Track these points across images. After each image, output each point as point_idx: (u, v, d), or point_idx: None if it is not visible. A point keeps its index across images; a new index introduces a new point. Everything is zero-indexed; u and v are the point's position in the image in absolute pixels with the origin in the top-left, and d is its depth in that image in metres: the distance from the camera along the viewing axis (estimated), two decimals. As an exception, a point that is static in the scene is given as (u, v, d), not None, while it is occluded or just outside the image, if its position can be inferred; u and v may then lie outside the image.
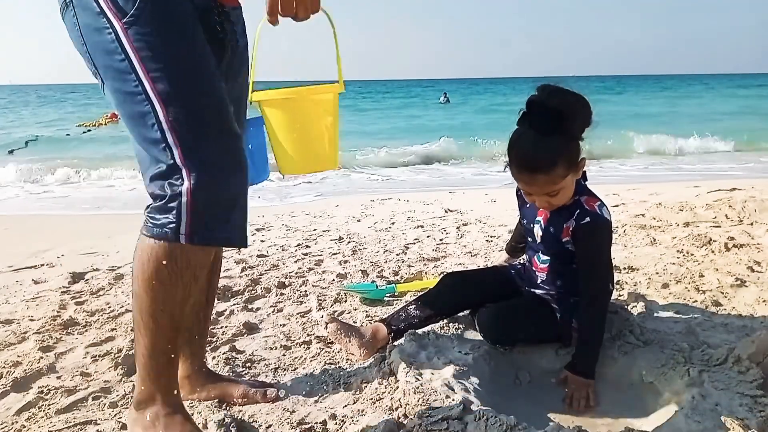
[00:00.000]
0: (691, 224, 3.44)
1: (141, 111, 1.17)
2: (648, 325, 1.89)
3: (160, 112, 1.15)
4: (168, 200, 1.18)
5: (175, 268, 1.23)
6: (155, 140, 1.17)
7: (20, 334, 2.13)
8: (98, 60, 1.20)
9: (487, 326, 1.78)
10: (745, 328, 1.92)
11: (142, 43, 1.14)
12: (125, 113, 1.21)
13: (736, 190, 4.61)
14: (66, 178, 7.87)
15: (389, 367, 1.71)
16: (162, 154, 1.17)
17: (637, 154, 9.99)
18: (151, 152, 1.20)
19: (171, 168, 1.17)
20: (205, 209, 1.18)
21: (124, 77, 1.16)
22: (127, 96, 1.18)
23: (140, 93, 1.15)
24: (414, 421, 1.41)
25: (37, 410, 1.62)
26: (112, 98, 1.22)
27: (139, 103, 1.16)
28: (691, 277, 2.47)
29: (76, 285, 2.74)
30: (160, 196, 1.20)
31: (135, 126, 1.20)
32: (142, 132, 1.19)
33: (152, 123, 1.16)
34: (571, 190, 1.69)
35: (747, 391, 1.45)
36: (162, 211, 1.20)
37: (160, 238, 1.21)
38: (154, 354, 1.32)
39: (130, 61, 1.14)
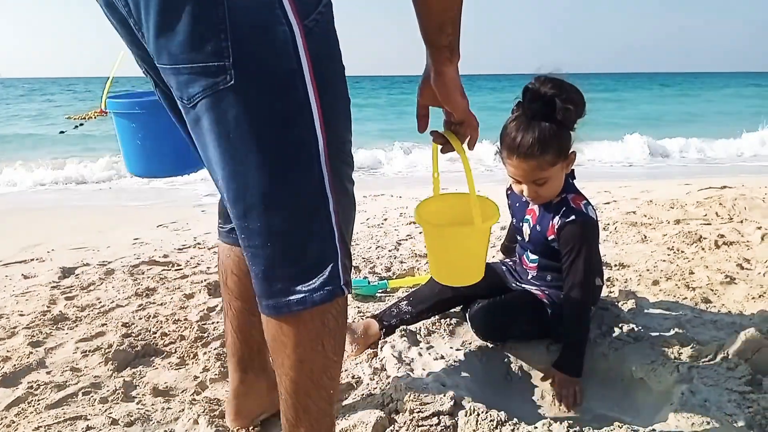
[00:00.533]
0: (682, 222, 3.46)
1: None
2: (638, 321, 1.91)
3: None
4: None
5: (341, 308, 1.07)
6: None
7: (10, 329, 2.12)
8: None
9: (478, 322, 1.79)
10: (734, 325, 1.93)
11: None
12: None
13: (727, 188, 4.64)
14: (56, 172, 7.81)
15: (381, 363, 1.71)
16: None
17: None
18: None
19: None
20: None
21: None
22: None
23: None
24: (405, 416, 1.42)
25: (26, 405, 1.61)
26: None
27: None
28: (681, 274, 2.49)
29: (66, 280, 2.72)
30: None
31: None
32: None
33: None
34: (559, 183, 1.71)
35: (736, 387, 1.46)
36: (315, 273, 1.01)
37: (328, 300, 1.01)
38: (331, 412, 1.14)
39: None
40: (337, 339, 1.07)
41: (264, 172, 0.92)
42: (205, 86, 0.88)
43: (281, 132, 0.92)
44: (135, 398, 1.66)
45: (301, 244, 0.98)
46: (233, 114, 0.89)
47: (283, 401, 1.09)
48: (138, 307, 2.32)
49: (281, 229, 0.96)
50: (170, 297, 2.44)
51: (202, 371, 1.80)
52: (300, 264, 0.99)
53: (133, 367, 1.84)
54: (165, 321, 2.16)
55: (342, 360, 1.12)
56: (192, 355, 1.91)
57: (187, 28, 0.86)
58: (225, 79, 0.87)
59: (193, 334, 2.03)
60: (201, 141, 0.96)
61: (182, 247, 3.32)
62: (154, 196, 5.28)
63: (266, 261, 0.98)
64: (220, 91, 0.88)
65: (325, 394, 1.09)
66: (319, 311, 1.01)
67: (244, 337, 1.37)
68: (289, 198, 0.95)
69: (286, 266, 0.99)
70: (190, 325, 2.12)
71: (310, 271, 0.99)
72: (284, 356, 1.05)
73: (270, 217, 0.95)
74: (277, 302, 1.00)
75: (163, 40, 0.88)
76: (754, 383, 1.49)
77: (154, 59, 0.94)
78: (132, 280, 2.67)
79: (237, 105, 0.88)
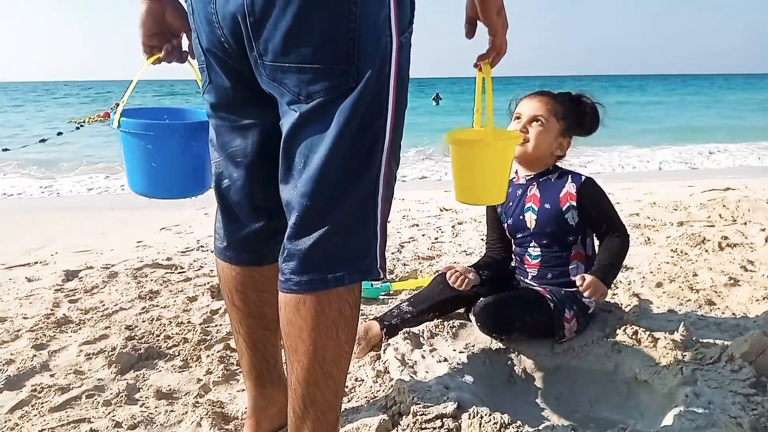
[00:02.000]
0: (685, 223, 3.45)
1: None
2: (642, 323, 1.90)
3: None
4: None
5: (357, 298, 1.12)
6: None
7: (13, 332, 2.12)
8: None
9: (483, 316, 1.78)
10: (738, 327, 1.93)
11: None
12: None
13: (730, 189, 4.63)
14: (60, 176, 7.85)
15: (384, 365, 1.71)
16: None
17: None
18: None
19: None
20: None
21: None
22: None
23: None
24: (409, 419, 1.41)
25: (30, 408, 1.61)
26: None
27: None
28: (685, 276, 2.48)
29: (70, 283, 2.72)
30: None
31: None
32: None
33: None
34: (547, 143, 1.85)
35: (740, 390, 1.45)
36: (361, 254, 1.09)
37: (355, 281, 1.09)
38: (338, 405, 1.16)
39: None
40: (351, 329, 1.11)
41: (342, 161, 1.03)
42: (329, 86, 1.00)
43: (366, 128, 1.03)
44: (138, 401, 1.66)
45: (352, 228, 1.06)
46: (341, 109, 1.01)
47: (292, 391, 1.11)
48: (141, 310, 2.33)
49: (340, 211, 1.04)
50: (173, 300, 2.44)
51: (205, 374, 1.80)
52: (347, 244, 1.06)
53: (137, 369, 1.84)
54: (168, 324, 2.17)
55: (352, 353, 1.14)
56: (195, 357, 1.91)
57: (323, 33, 0.98)
58: (348, 81, 1.00)
59: (197, 336, 2.04)
60: (300, 131, 1.04)
61: (185, 250, 3.32)
62: (157, 199, 5.26)
63: (317, 237, 1.04)
64: (341, 90, 1.01)
65: (333, 385, 1.11)
66: (337, 297, 1.07)
67: (260, 352, 1.37)
68: (355, 187, 1.05)
69: (334, 244, 1.05)
70: (193, 327, 2.12)
71: (354, 251, 1.07)
72: (299, 341, 1.08)
73: (334, 199, 1.04)
74: (313, 278, 1.05)
75: (294, 41, 0.99)
76: (758, 385, 1.49)
77: (264, 56, 1.03)
78: (135, 283, 2.68)
79: (349, 103, 1.01)
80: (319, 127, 1.03)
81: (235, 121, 1.18)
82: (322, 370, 1.09)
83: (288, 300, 1.08)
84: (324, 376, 1.09)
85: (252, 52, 1.04)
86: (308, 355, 1.07)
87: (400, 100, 1.07)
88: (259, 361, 1.38)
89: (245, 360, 1.39)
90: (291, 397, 1.12)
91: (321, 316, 1.06)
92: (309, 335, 1.06)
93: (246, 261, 1.30)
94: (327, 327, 1.07)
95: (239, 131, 1.19)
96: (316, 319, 1.06)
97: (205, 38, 1.11)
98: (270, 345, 1.37)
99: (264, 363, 1.37)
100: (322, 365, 1.08)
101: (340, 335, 1.08)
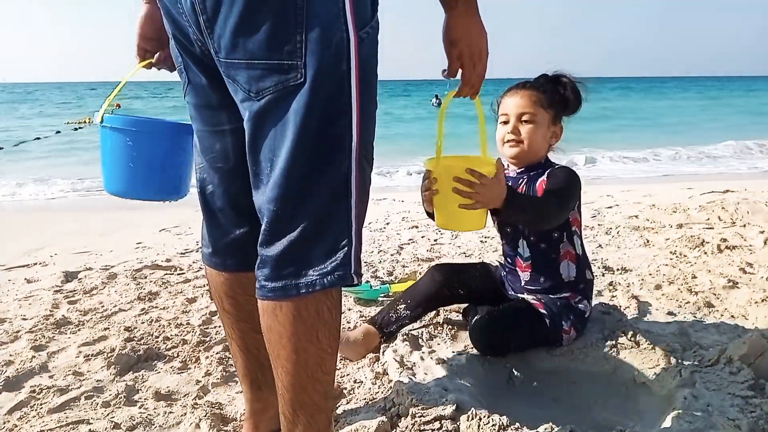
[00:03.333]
0: (684, 226, 3.46)
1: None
2: (641, 326, 1.90)
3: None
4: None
5: (336, 301, 1.10)
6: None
7: (12, 333, 2.12)
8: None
9: (478, 338, 1.76)
10: (737, 329, 1.93)
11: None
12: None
13: (729, 192, 4.64)
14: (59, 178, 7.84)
15: (382, 367, 1.71)
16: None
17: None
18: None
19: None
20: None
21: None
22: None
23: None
24: (407, 421, 1.41)
25: (29, 409, 1.61)
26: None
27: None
28: (684, 279, 2.48)
29: (69, 284, 2.73)
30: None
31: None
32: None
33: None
34: (541, 138, 1.80)
35: (738, 392, 1.45)
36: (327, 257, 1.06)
37: (327, 287, 1.05)
38: (327, 407, 1.16)
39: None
40: (332, 332, 1.10)
41: (305, 162, 1.01)
42: (277, 82, 0.99)
43: (327, 127, 1.01)
44: (137, 402, 1.66)
45: (321, 232, 1.04)
46: (298, 108, 0.99)
47: (281, 397, 1.11)
48: (140, 311, 2.33)
49: (308, 215, 1.03)
50: (173, 301, 2.44)
51: (204, 375, 1.80)
52: (317, 248, 1.04)
53: (136, 371, 1.84)
54: (167, 325, 2.17)
55: (336, 355, 1.14)
56: (194, 359, 1.91)
57: (269, 28, 0.97)
58: (296, 77, 0.98)
59: (196, 338, 2.04)
60: (259, 131, 1.03)
61: (185, 251, 3.32)
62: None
63: (287, 243, 1.03)
64: (290, 87, 0.99)
65: (321, 389, 1.11)
66: (314, 301, 1.05)
67: (254, 356, 1.36)
68: (321, 188, 1.03)
69: (304, 249, 1.04)
70: (192, 329, 2.12)
71: (325, 255, 1.05)
72: (280, 347, 1.07)
73: (301, 203, 1.02)
74: (286, 284, 1.04)
75: (241, 38, 0.99)
76: (756, 388, 1.49)
77: (218, 53, 1.02)
78: (134, 284, 2.68)
79: (301, 100, 0.99)
80: (277, 128, 1.01)
81: (216, 126, 1.17)
82: (306, 374, 1.08)
83: (265, 306, 1.08)
84: (309, 380, 1.09)
85: (211, 50, 1.04)
86: (291, 360, 1.07)
87: (366, 98, 1.05)
88: (253, 365, 1.37)
89: (240, 364, 1.39)
90: (280, 402, 1.12)
91: (299, 321, 1.05)
92: (289, 340, 1.06)
93: (232, 266, 1.29)
94: (306, 331, 1.06)
95: (219, 136, 1.18)
96: (294, 324, 1.05)
97: (179, 36, 1.11)
98: (263, 348, 1.34)
99: (258, 366, 1.36)
100: (306, 369, 1.08)
101: (320, 338, 1.07)
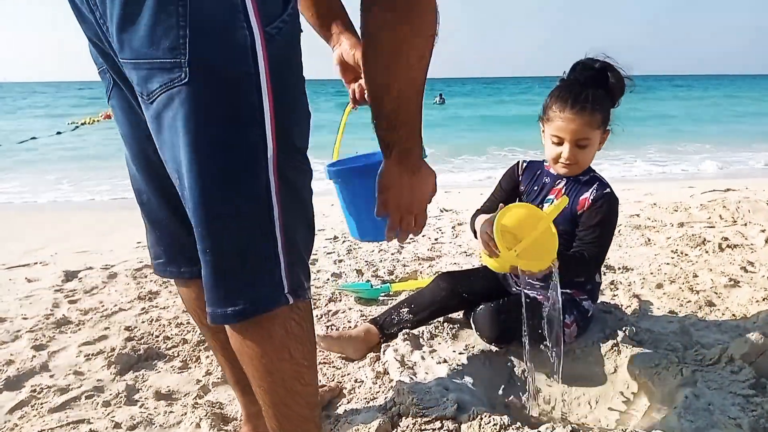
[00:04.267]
0: (686, 224, 3.45)
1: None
2: (642, 324, 1.90)
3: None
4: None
5: (304, 314, 1.05)
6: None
7: (13, 332, 2.12)
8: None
9: (483, 325, 1.78)
10: (738, 328, 1.93)
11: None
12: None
13: (730, 190, 4.63)
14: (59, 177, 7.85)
15: (383, 367, 1.71)
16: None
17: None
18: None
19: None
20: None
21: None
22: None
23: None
24: (408, 420, 1.41)
25: (29, 409, 1.61)
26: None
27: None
28: (685, 278, 2.48)
29: (70, 283, 2.72)
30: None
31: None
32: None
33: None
34: (593, 153, 1.75)
35: (739, 391, 1.45)
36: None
37: (257, 313, 1.00)
38: (313, 416, 1.13)
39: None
40: (304, 345, 1.05)
41: (210, 173, 0.91)
42: (162, 83, 0.88)
43: (231, 135, 0.90)
44: (138, 402, 1.66)
45: (246, 252, 0.96)
46: (185, 112, 0.88)
47: (265, 412, 1.09)
48: (141, 311, 2.33)
49: (223, 234, 0.94)
50: (173, 300, 2.44)
51: (204, 375, 1.80)
52: (238, 272, 0.96)
53: (136, 370, 1.84)
54: (167, 324, 2.17)
55: (315, 364, 1.10)
56: (194, 358, 1.91)
57: (148, 23, 0.86)
58: (180, 77, 0.87)
59: (196, 337, 2.03)
60: (159, 138, 0.94)
61: (185, 251, 3.32)
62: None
63: (211, 267, 0.96)
64: (175, 88, 0.88)
65: (303, 401, 1.08)
66: (280, 319, 1.00)
67: (239, 364, 1.35)
68: (232, 202, 0.93)
69: (225, 275, 0.96)
70: (192, 328, 2.12)
71: (253, 279, 0.97)
72: (252, 368, 1.04)
73: (212, 220, 0.93)
74: (214, 311, 0.98)
75: (125, 35, 0.89)
76: (758, 387, 1.48)
77: (116, 53, 0.93)
78: (135, 284, 2.68)
79: (190, 103, 0.88)
80: (173, 135, 0.91)
81: (145, 130, 1.02)
82: (285, 389, 1.05)
83: (229, 331, 1.03)
84: (289, 394, 1.06)
85: (111, 51, 0.96)
86: (266, 380, 1.04)
87: (287, 101, 0.95)
88: (240, 373, 1.33)
89: (227, 373, 1.37)
90: (265, 416, 1.10)
91: (267, 342, 1.00)
92: (260, 362, 1.02)
93: (188, 275, 1.21)
94: (276, 350, 1.01)
95: (148, 141, 1.04)
96: (262, 346, 1.01)
97: (93, 38, 1.02)
98: None
99: (245, 374, 1.36)
100: (283, 386, 1.05)
101: (293, 354, 1.03)
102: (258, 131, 0.91)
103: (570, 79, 1.73)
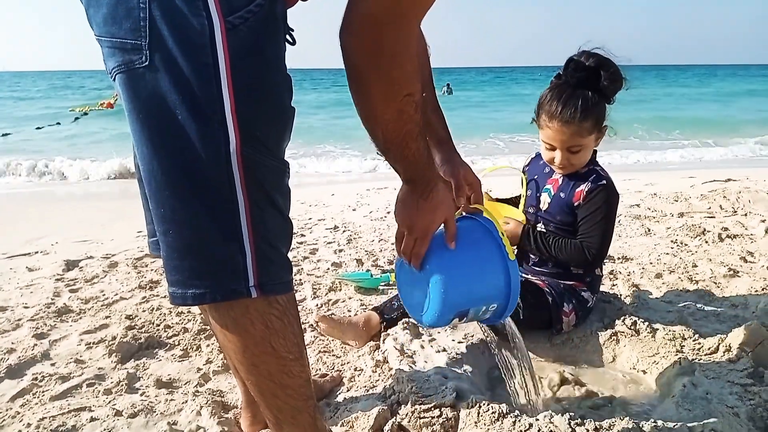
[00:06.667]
0: (686, 215, 3.45)
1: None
2: (641, 314, 1.90)
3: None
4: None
5: (284, 308, 1.05)
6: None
7: (14, 321, 2.13)
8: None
9: None
10: (736, 318, 1.93)
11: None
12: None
13: (731, 181, 4.63)
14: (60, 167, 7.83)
15: (383, 355, 1.72)
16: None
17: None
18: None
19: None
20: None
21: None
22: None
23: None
24: (407, 408, 1.42)
25: (31, 397, 1.62)
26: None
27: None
28: (685, 267, 2.48)
29: (71, 272, 2.73)
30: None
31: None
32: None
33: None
34: (589, 153, 1.75)
35: (737, 380, 1.46)
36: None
37: (218, 300, 1.00)
38: (307, 406, 1.13)
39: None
40: (286, 338, 1.04)
41: (166, 158, 0.90)
42: (122, 62, 0.88)
43: (188, 124, 0.88)
44: (138, 390, 1.67)
45: (201, 239, 0.94)
46: (144, 95, 0.88)
47: (258, 403, 1.10)
48: (141, 300, 2.33)
49: (181, 218, 0.93)
50: (174, 289, 2.44)
51: (205, 363, 1.81)
52: (198, 259, 0.95)
53: (137, 359, 1.85)
54: (168, 313, 2.17)
55: (303, 355, 1.10)
56: (195, 347, 1.91)
57: (111, 1, 0.86)
58: (140, 59, 0.87)
59: (196, 326, 2.04)
60: (130, 127, 0.94)
61: (185, 240, 3.32)
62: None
63: (167, 249, 0.96)
64: (134, 69, 0.87)
65: (293, 392, 1.08)
66: (259, 314, 1.00)
67: None
68: (191, 191, 0.92)
69: (184, 258, 0.95)
70: (193, 317, 2.12)
71: (218, 268, 0.96)
72: (237, 362, 1.04)
73: (171, 204, 0.93)
74: (174, 291, 0.97)
75: (92, 11, 0.90)
76: (755, 376, 1.49)
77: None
78: (135, 273, 2.68)
79: (148, 87, 0.87)
80: (132, 114, 0.90)
81: None
82: (272, 382, 1.05)
83: (213, 324, 1.04)
84: (278, 386, 1.06)
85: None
86: (253, 373, 1.05)
87: (248, 95, 0.91)
88: None
89: (228, 359, 1.38)
90: (260, 406, 1.10)
91: (247, 337, 1.01)
92: (243, 356, 1.02)
93: None
94: (257, 344, 1.01)
95: None
96: (242, 341, 1.01)
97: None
98: None
99: None
100: (270, 378, 1.05)
101: (276, 347, 1.02)
102: (216, 123, 0.89)
103: (561, 82, 1.70)
